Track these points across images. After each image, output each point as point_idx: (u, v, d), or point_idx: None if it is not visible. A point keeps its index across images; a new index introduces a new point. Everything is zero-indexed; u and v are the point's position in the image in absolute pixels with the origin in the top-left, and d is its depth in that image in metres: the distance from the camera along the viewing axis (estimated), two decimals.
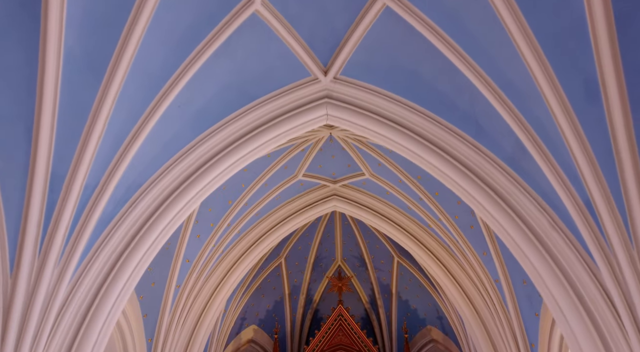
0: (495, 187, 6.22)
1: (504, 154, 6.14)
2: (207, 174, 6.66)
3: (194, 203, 6.73)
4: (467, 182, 6.37)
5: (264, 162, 9.80)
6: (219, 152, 6.71)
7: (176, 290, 9.82)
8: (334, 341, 13.25)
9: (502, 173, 6.16)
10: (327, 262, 14.92)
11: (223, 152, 6.71)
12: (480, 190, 6.29)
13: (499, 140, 6.10)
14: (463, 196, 6.47)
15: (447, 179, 6.55)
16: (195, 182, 6.62)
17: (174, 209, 6.54)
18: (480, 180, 6.30)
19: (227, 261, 10.70)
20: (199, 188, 6.66)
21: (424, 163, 6.65)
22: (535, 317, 8.90)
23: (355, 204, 11.11)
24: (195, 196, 6.67)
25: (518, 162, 6.02)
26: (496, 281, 9.50)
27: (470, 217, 9.43)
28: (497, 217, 6.18)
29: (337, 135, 9.64)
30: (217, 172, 6.71)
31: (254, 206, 10.48)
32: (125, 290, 6.16)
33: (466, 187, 6.39)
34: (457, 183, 6.46)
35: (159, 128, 6.11)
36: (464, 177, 6.39)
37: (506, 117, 5.69)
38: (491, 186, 6.24)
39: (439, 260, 10.51)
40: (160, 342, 9.56)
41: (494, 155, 6.21)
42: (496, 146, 6.16)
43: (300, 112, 6.83)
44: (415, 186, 9.82)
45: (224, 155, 6.71)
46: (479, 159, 6.30)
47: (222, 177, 6.81)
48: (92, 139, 5.40)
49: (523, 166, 5.99)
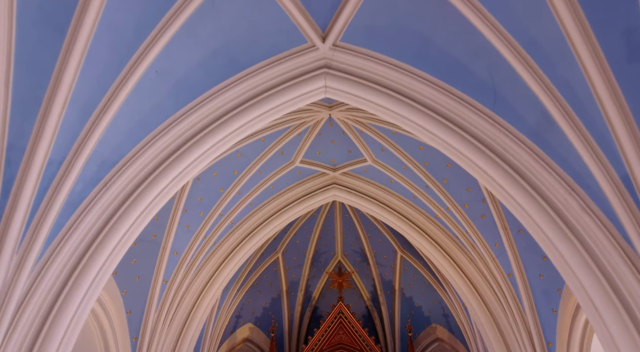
0: (516, 165, 5.48)
1: (526, 127, 5.40)
2: (191, 152, 5.93)
3: (177, 184, 6.00)
4: (484, 160, 5.63)
5: (258, 147, 9.08)
6: (204, 128, 5.98)
7: (163, 285, 9.11)
8: (334, 339, 12.66)
9: (524, 149, 5.43)
10: (327, 257, 14.40)
11: (209, 128, 5.98)
12: (499, 169, 5.55)
13: (521, 110, 5.37)
14: (480, 177, 5.74)
15: (461, 157, 5.82)
16: (177, 161, 5.90)
17: (154, 190, 5.82)
18: (499, 157, 5.56)
19: (219, 254, 9.98)
20: (182, 168, 5.93)
21: (434, 140, 5.92)
22: (552, 314, 8.18)
23: (356, 193, 10.40)
24: (177, 177, 5.94)
25: (543, 135, 5.28)
26: (509, 275, 8.78)
27: (481, 206, 8.71)
28: (519, 199, 5.45)
29: (337, 117, 8.91)
30: (203, 150, 5.99)
31: (248, 195, 9.76)
32: (97, 283, 5.45)
33: (483, 166, 5.65)
34: (472, 161, 5.73)
35: (136, 98, 5.39)
36: (480, 155, 5.65)
37: (530, 83, 4.97)
38: (512, 164, 5.51)
39: (447, 253, 9.79)
40: (146, 341, 8.84)
41: (515, 128, 5.47)
42: (518, 118, 5.42)
43: (295, 84, 6.09)
44: (421, 173, 9.10)
45: (210, 131, 5.98)
46: (497, 134, 5.57)
47: (208, 156, 6.08)
48: (55, 107, 4.69)
49: (549, 140, 5.25)
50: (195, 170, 6.10)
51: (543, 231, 5.33)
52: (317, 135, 9.43)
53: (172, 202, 8.68)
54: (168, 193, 5.96)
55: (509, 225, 8.43)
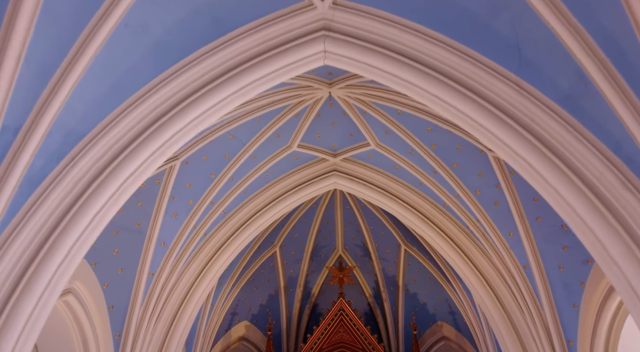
0: (544, 137, 4.76)
1: (557, 92, 4.68)
2: (172, 123, 5.23)
3: (155, 161, 5.29)
4: (508, 132, 4.91)
5: (252, 129, 8.36)
6: (187, 96, 5.27)
7: (149, 278, 8.40)
8: (335, 338, 12.06)
9: (554, 118, 4.71)
10: (327, 251, 13.77)
11: (193, 97, 5.27)
12: (525, 142, 4.83)
13: (550, 72, 4.65)
14: (503, 152, 5.02)
15: (481, 130, 5.10)
16: (156, 134, 5.19)
17: (129, 168, 5.11)
18: (525, 129, 4.84)
19: (210, 245, 9.27)
20: (160, 142, 5.22)
21: (450, 110, 5.20)
22: (573, 309, 7.48)
23: (358, 180, 9.69)
24: (156, 152, 5.23)
25: (577, 100, 4.56)
26: (525, 267, 8.07)
27: (495, 192, 7.99)
28: (548, 176, 4.74)
29: (338, 95, 8.19)
30: (185, 122, 5.28)
31: (241, 182, 9.05)
32: (61, 273, 4.75)
33: (506, 139, 4.93)
34: (493, 134, 5.01)
35: (106, 58, 4.67)
36: (503, 126, 4.93)
37: (563, 35, 4.25)
38: (539, 136, 4.78)
39: (456, 244, 9.08)
40: (130, 338, 8.14)
41: (543, 94, 4.75)
42: (546, 81, 4.70)
43: (289, 48, 5.36)
44: (429, 156, 8.39)
45: (194, 100, 5.27)
46: (522, 102, 4.85)
47: (191, 129, 5.37)
48: (6, 62, 3.96)
49: (584, 106, 4.53)
50: (177, 145, 5.39)
51: (577, 212, 4.62)
52: (316, 117, 8.71)
53: (158, 188, 7.96)
54: (145, 171, 5.25)
55: (526, 212, 7.72)
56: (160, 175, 7.80)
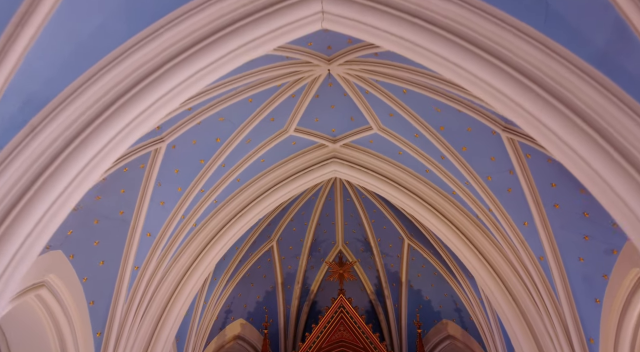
0: (575, 104, 4.15)
1: (590, 50, 4.05)
2: (149, 91, 4.61)
3: (130, 135, 4.66)
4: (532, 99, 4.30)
5: (245, 110, 7.75)
6: (166, 62, 4.66)
7: (134, 271, 7.77)
8: (334, 336, 11.54)
9: (586, 81, 4.09)
10: (326, 246, 13.21)
11: (172, 62, 4.66)
12: (552, 110, 4.22)
13: (582, 27, 4.02)
14: (527, 122, 4.41)
15: (499, 97, 4.48)
16: (131, 104, 4.57)
17: (99, 140, 4.48)
18: (553, 95, 4.22)
19: (201, 237, 8.66)
20: (136, 113, 4.61)
21: (465, 77, 4.58)
22: (595, 305, 6.87)
23: (359, 168, 9.07)
24: (130, 124, 4.61)
25: (614, 58, 3.94)
26: (541, 259, 7.45)
27: (508, 178, 7.37)
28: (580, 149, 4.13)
29: (338, 73, 7.56)
30: (165, 90, 4.67)
31: (234, 168, 8.42)
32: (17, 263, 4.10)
33: (531, 107, 4.32)
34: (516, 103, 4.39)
35: (69, 13, 4.05)
36: (526, 92, 4.32)
37: None
38: (569, 102, 4.17)
39: (465, 235, 8.46)
40: (113, 336, 7.52)
41: (574, 53, 4.13)
42: (577, 38, 4.08)
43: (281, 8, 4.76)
44: (436, 140, 7.77)
45: (173, 65, 4.66)
46: (549, 63, 4.22)
47: (171, 99, 4.76)
48: None
49: (622, 65, 3.91)
50: (155, 117, 4.78)
51: (614, 190, 3.99)
52: (314, 98, 8.09)
53: (142, 173, 7.34)
54: (119, 145, 4.62)
55: (542, 199, 7.11)
56: (144, 158, 7.18)
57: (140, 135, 4.81)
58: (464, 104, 7.04)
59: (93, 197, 6.89)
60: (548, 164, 6.79)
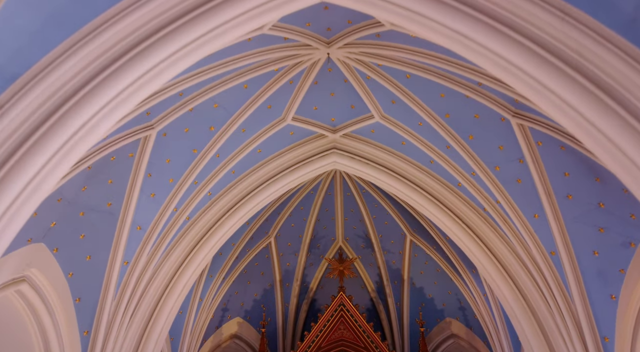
0: (599, 77, 3.78)
1: (616, 17, 3.66)
2: (133, 65, 4.23)
3: (112, 114, 4.27)
4: (550, 72, 3.92)
5: (240, 96, 7.36)
6: (151, 34, 4.25)
7: (123, 266, 7.40)
8: (334, 335, 11.26)
9: (613, 52, 3.71)
10: (326, 242, 12.91)
11: (160, 33, 4.25)
12: (573, 84, 3.84)
13: None
14: (544, 99, 4.01)
15: (514, 71, 4.09)
16: (112, 79, 4.18)
17: (75, 121, 4.09)
18: (573, 68, 3.84)
19: (194, 231, 8.27)
20: (118, 89, 4.21)
21: (478, 51, 4.19)
22: (610, 301, 6.50)
23: (360, 159, 8.70)
24: (111, 102, 4.21)
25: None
26: (552, 254, 7.07)
27: (518, 167, 6.99)
28: (607, 129, 3.74)
29: (338, 57, 7.16)
30: (152, 64, 4.28)
31: (229, 159, 8.05)
32: None
33: (548, 81, 3.94)
34: (531, 76, 4.01)
35: None
36: (544, 65, 3.93)
37: None
38: (592, 76, 3.79)
39: (471, 229, 8.07)
40: (101, 335, 7.15)
41: (598, 21, 3.73)
42: (602, 4, 3.67)
43: None
44: (441, 128, 7.39)
45: (160, 38, 4.26)
46: (569, 33, 3.83)
47: (159, 74, 4.37)
48: None
49: None
50: (140, 95, 4.39)
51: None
52: (313, 85, 7.70)
53: (131, 162, 6.95)
54: (98, 127, 4.23)
55: (554, 189, 6.75)
56: (133, 147, 6.79)
57: (126, 112, 4.41)
58: (472, 88, 6.66)
59: (78, 188, 6.50)
60: (561, 152, 6.41)
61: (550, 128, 6.23)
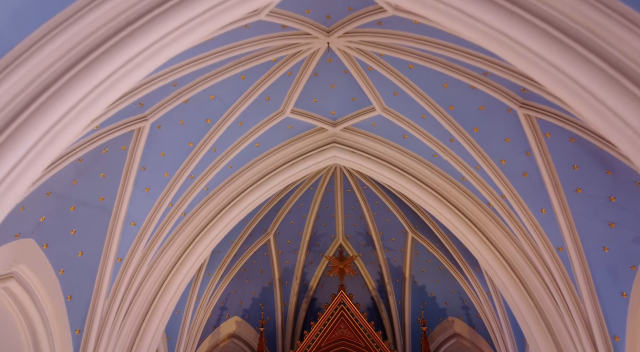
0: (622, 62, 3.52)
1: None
2: (121, 49, 3.97)
3: (99, 101, 4.04)
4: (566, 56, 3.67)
5: (237, 88, 7.15)
6: (143, 14, 4.01)
7: (117, 263, 7.18)
8: (334, 334, 11.12)
9: (636, 33, 3.45)
10: (326, 240, 12.74)
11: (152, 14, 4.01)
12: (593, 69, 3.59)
13: None
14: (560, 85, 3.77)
15: (527, 54, 3.84)
16: (97, 64, 3.94)
17: (60, 107, 3.85)
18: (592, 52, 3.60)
19: (191, 227, 8.07)
20: (105, 74, 3.97)
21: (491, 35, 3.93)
22: (621, 299, 6.30)
23: (361, 153, 8.50)
24: (96, 89, 3.97)
25: None
26: (560, 250, 6.86)
27: (524, 160, 6.77)
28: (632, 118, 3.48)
29: (338, 47, 6.94)
30: (141, 48, 4.03)
31: (226, 153, 7.83)
32: None
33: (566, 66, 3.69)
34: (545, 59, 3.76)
35: None
36: (558, 48, 3.69)
37: None
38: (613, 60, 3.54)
39: (476, 225, 7.88)
40: (94, 334, 6.95)
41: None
42: None
43: None
44: (445, 120, 7.17)
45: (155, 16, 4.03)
46: (587, 12, 3.58)
47: (150, 58, 4.13)
48: None
49: None
50: (129, 80, 4.15)
51: None
52: (312, 76, 7.47)
53: (124, 155, 6.73)
54: (83, 114, 3.99)
55: (563, 183, 6.54)
56: (125, 139, 6.56)
57: (114, 99, 4.18)
58: (477, 78, 6.43)
59: (69, 181, 6.27)
60: (570, 144, 6.19)
61: (559, 118, 6.00)
